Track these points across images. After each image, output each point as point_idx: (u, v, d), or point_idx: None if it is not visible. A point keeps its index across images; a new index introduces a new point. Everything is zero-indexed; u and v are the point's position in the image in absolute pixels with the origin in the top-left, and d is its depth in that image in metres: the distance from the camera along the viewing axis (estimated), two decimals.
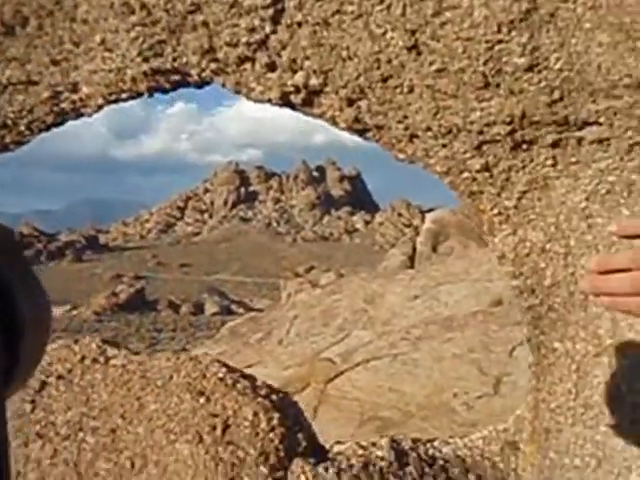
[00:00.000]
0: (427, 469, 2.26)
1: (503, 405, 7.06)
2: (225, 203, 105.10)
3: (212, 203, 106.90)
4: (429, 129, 1.80)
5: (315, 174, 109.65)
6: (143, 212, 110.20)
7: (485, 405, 7.42)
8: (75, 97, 2.10)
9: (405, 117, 1.81)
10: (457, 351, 9.15)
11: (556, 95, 1.65)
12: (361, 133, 1.92)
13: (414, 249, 25.88)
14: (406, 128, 1.83)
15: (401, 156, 1.93)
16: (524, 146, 1.78)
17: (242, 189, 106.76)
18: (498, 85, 1.66)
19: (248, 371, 2.45)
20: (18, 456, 2.24)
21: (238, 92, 1.94)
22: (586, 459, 1.97)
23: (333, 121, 1.91)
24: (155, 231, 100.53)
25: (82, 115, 2.19)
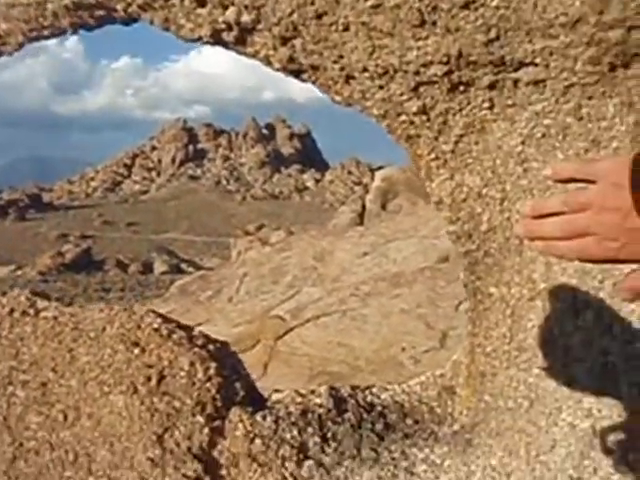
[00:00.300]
0: (365, 415, 2.27)
1: (449, 358, 7.20)
2: (173, 161, 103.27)
3: (160, 161, 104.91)
4: (365, 70, 1.75)
5: (265, 132, 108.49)
6: (88, 170, 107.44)
7: (432, 358, 7.58)
8: None
9: (341, 57, 1.75)
10: (405, 306, 9.29)
11: (492, 34, 1.61)
12: (297, 74, 1.86)
13: (363, 207, 26.01)
14: (342, 68, 1.77)
15: (337, 98, 1.88)
16: (461, 88, 1.75)
17: (190, 147, 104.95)
18: (434, 23, 1.62)
19: (198, 329, 2.40)
20: None
21: (167, 29, 1.85)
22: (519, 401, 2.00)
23: (267, 61, 1.84)
24: (101, 189, 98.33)
25: (2, 54, 2.06)
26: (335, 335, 8.86)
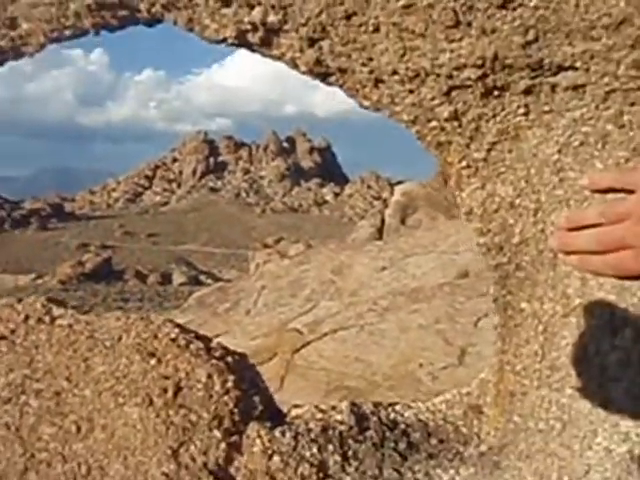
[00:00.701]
0: (388, 433, 2.18)
1: (468, 375, 7.11)
2: (194, 173, 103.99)
3: (180, 172, 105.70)
4: (395, 73, 1.68)
5: (285, 145, 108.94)
6: (110, 181, 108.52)
7: (450, 375, 7.48)
8: (14, 34, 1.93)
9: (370, 59, 1.68)
10: (423, 322, 9.20)
11: (530, 35, 1.53)
12: (323, 77, 1.79)
13: (382, 221, 25.96)
14: (371, 71, 1.70)
15: (366, 103, 1.81)
16: (495, 92, 1.67)
17: (211, 159, 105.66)
18: (469, 24, 1.54)
19: (216, 340, 2.34)
20: None
21: (191, 30, 1.79)
22: (551, 422, 1.91)
23: (293, 64, 1.77)
24: (122, 200, 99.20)
25: (23, 55, 2.02)
26: (353, 350, 8.79)
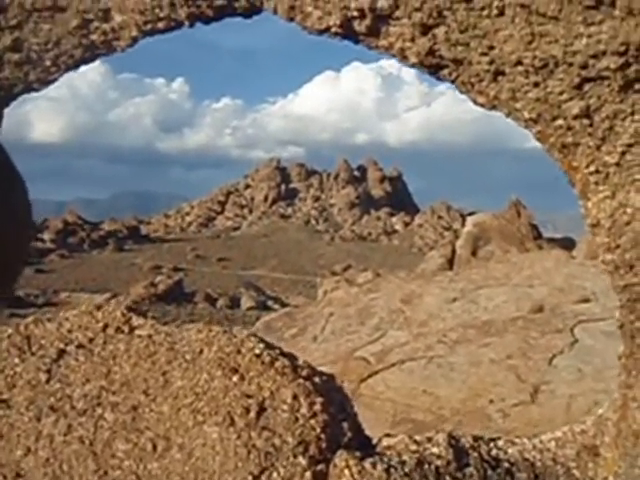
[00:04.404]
0: (490, 471, 1.96)
1: (540, 414, 6.76)
2: (265, 199, 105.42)
3: (252, 199, 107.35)
4: (519, 63, 1.49)
5: (356, 173, 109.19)
6: (184, 205, 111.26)
7: (521, 413, 7.19)
8: (107, 27, 1.85)
9: (491, 48, 1.50)
10: (495, 357, 8.90)
11: None
12: (435, 70, 1.62)
13: (453, 252, 25.50)
14: (491, 62, 1.52)
15: (481, 100, 1.63)
16: (637, 86, 1.46)
17: (282, 186, 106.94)
18: (613, 3, 1.35)
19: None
20: (29, 430, 2.01)
21: (292, 19, 1.66)
22: None
23: (402, 55, 1.61)
24: (195, 224, 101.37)
25: (114, 50, 1.93)
26: (420, 382, 8.54)
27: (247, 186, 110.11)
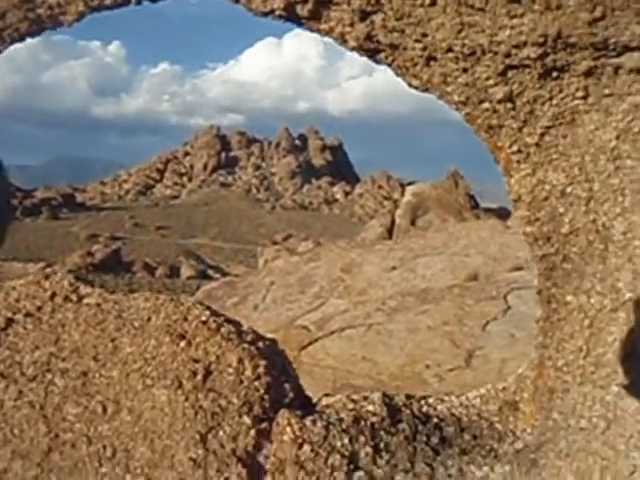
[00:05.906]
0: (420, 427, 2.12)
1: (474, 378, 7.06)
2: (205, 167, 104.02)
3: (192, 167, 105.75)
4: (450, 50, 1.61)
5: (297, 142, 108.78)
6: (121, 172, 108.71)
7: (457, 378, 7.44)
8: (53, 1, 1.87)
9: (424, 35, 1.62)
10: (431, 323, 9.17)
11: (598, 12, 1.46)
12: (372, 54, 1.73)
13: (393, 221, 25.86)
14: (424, 48, 1.64)
15: (415, 82, 1.74)
16: (554, 74, 1.60)
17: (223, 154, 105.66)
18: None
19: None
20: None
21: (237, 1, 1.73)
22: (594, 420, 1.84)
23: (342, 39, 1.71)
24: (133, 192, 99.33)
25: (61, 24, 1.96)
26: (359, 349, 8.75)
27: (186, 154, 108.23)
